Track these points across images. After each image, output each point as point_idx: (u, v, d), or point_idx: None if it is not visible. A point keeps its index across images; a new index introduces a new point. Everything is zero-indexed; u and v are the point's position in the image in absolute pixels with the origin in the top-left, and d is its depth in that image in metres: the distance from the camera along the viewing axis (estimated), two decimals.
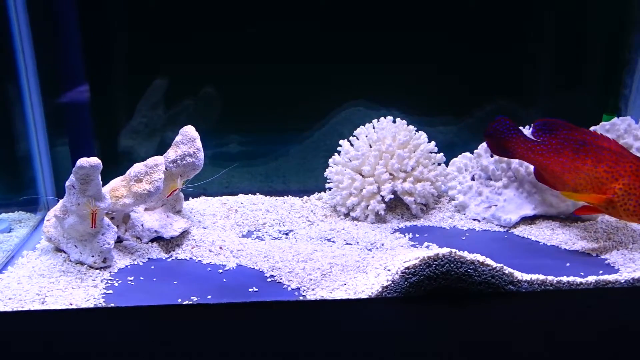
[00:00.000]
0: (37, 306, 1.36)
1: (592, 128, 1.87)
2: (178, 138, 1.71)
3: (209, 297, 1.42)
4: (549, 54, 2.20)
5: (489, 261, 1.34)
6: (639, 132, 1.83)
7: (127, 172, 1.62)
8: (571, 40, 2.18)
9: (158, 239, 1.71)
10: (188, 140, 1.69)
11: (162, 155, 1.68)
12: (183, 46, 2.04)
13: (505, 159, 1.88)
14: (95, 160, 1.43)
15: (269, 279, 1.52)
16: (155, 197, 1.62)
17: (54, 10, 1.93)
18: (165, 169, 1.67)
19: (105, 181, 1.65)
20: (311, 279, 1.49)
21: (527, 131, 1.89)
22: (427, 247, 1.71)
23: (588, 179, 1.61)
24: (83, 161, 1.43)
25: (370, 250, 1.69)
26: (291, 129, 2.22)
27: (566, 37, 2.18)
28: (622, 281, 1.39)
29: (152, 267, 1.60)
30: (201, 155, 1.70)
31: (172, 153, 1.69)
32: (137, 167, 1.61)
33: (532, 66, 2.21)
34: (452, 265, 1.31)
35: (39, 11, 1.91)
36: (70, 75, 2.00)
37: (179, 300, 1.40)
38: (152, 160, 1.60)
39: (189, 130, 1.70)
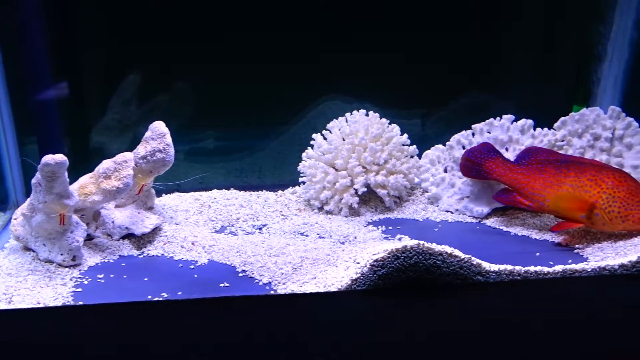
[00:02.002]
0: (3, 306, 1.34)
1: (562, 119, 1.90)
2: (147, 134, 1.69)
3: (179, 293, 1.42)
4: (521, 46, 2.21)
5: (457, 252, 1.35)
6: (607, 122, 1.85)
7: (96, 168, 1.61)
8: (543, 33, 2.20)
9: (129, 236, 1.69)
10: (158, 136, 1.67)
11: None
12: (157, 41, 2.02)
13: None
14: (60, 157, 1.41)
15: (240, 274, 1.52)
16: (125, 193, 1.60)
17: (20, 7, 1.90)
18: (135, 165, 1.65)
19: (77, 179, 1.64)
20: (282, 273, 1.48)
21: (497, 122, 1.91)
22: (400, 239, 1.71)
23: (572, 189, 1.64)
24: (48, 158, 1.41)
25: (343, 243, 1.70)
26: (268, 123, 2.21)
27: (538, 30, 2.19)
28: (589, 270, 1.41)
29: (123, 264, 1.59)
30: (171, 150, 1.69)
31: (141, 149, 1.68)
32: (106, 164, 1.59)
33: (504, 58, 2.22)
34: (420, 257, 1.32)
35: (5, 8, 1.88)
36: (39, 72, 1.97)
37: (149, 297, 1.39)
38: (120, 157, 1.59)
39: (159, 126, 1.69)
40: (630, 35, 2.08)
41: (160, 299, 1.39)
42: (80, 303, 1.37)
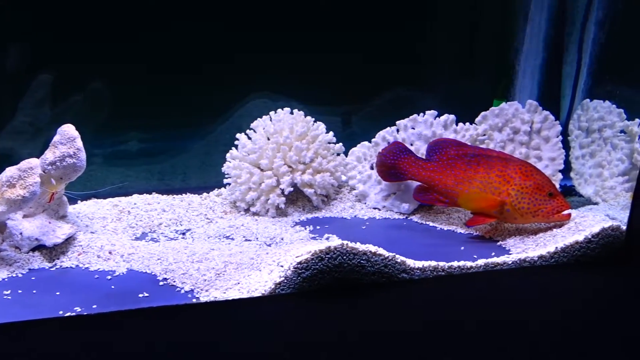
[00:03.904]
0: None
1: (482, 113, 1.93)
2: (56, 138, 1.59)
3: (94, 306, 1.33)
4: (444, 43, 2.24)
5: (381, 251, 1.34)
6: (525, 116, 1.90)
7: None
8: (465, 30, 2.24)
9: (40, 248, 1.59)
10: (67, 140, 1.57)
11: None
12: (72, 38, 1.91)
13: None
14: None
15: (161, 283, 1.45)
16: (32, 202, 1.50)
17: None
18: (44, 172, 1.55)
19: None
20: (205, 280, 1.43)
21: (421, 118, 1.92)
22: (327, 239, 1.69)
23: (482, 186, 1.66)
24: None
25: (269, 245, 1.65)
26: (194, 123, 2.14)
27: (460, 27, 2.23)
28: (510, 262, 1.43)
29: (33, 278, 1.49)
30: (83, 155, 1.59)
31: (50, 155, 1.57)
32: (10, 171, 1.48)
33: (428, 55, 2.24)
34: (344, 257, 1.30)
35: None
36: None
37: (60, 312, 1.30)
38: (25, 163, 1.48)
39: (68, 129, 1.59)
40: (545, 31, 2.14)
41: (73, 314, 1.30)
42: None
